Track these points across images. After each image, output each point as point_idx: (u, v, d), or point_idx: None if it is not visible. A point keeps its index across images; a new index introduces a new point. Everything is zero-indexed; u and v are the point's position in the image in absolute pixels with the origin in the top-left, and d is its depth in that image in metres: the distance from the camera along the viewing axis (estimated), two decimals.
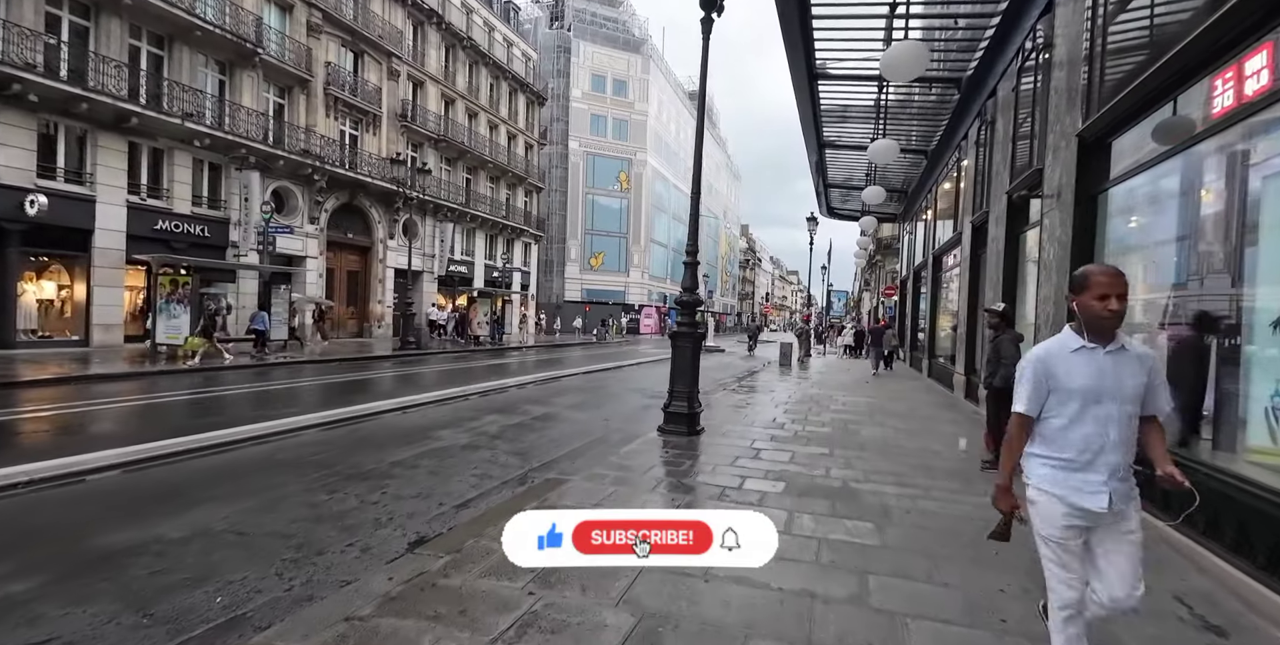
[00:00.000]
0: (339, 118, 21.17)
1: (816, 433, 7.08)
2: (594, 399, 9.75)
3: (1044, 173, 6.60)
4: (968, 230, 10.58)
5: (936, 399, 10.80)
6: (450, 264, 27.03)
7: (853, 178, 18.88)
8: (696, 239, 6.95)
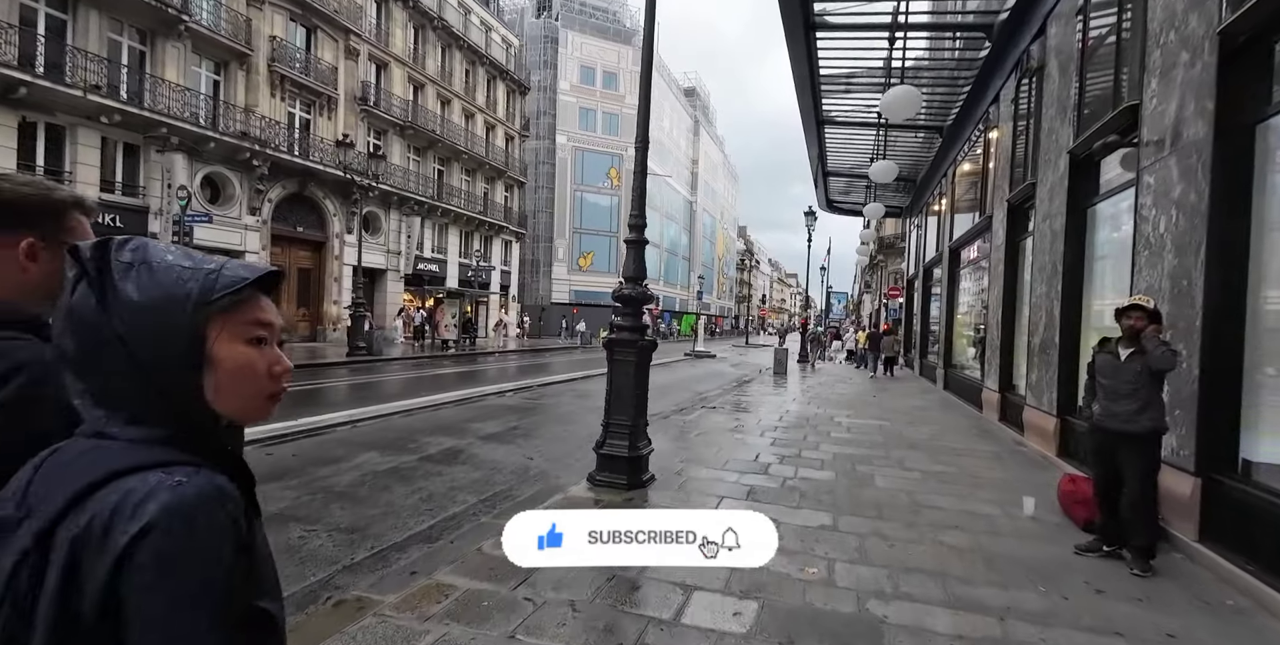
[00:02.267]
0: (287, 98, 19.13)
1: (813, 482, 5.01)
2: (531, 424, 7.67)
3: (1142, 110, 4.55)
4: (1001, 213, 8.55)
5: (961, 421, 8.74)
6: (419, 262, 24.95)
7: (855, 165, 16.87)
8: (643, 205, 4.94)
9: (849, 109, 12.85)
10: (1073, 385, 5.96)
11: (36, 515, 0.57)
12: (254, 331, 0.66)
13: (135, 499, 0.55)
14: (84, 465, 0.59)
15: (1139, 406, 3.43)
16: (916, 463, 5.81)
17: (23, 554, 0.55)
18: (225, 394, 0.65)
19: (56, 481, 0.59)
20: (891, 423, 8.18)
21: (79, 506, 0.56)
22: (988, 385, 8.81)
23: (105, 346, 0.60)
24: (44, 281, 0.90)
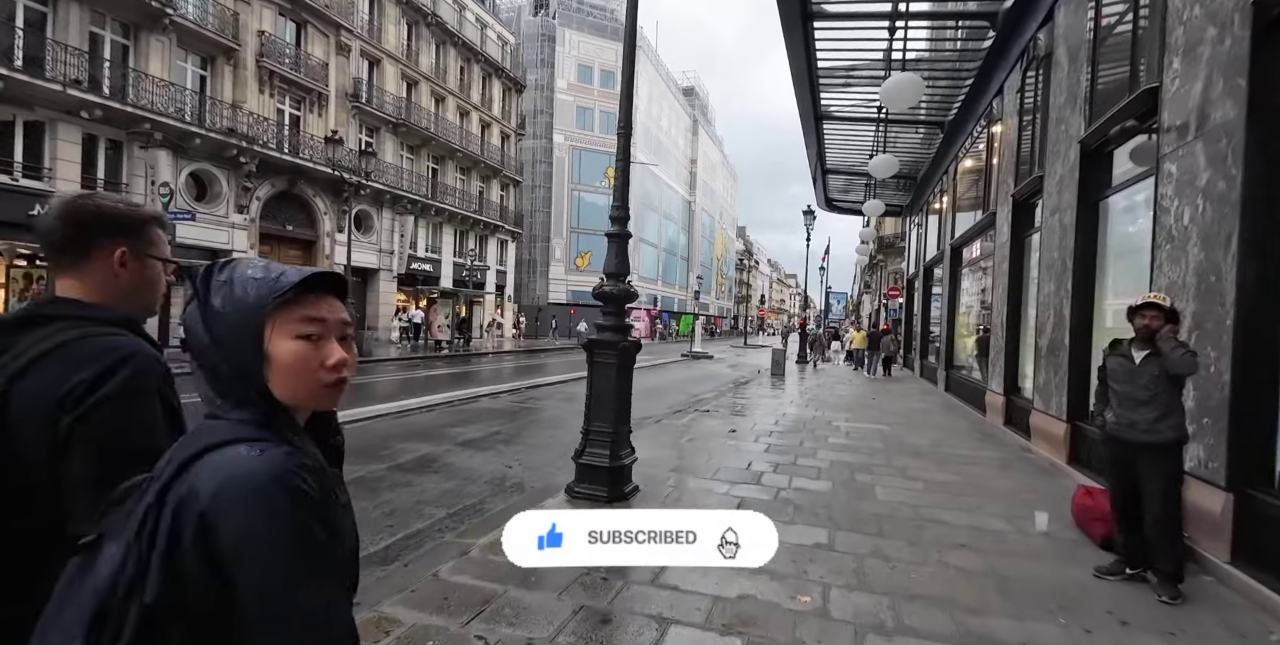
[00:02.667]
0: (276, 94, 18.78)
1: (808, 492, 4.67)
2: (515, 429, 7.34)
3: (1163, 92, 4.23)
4: (1005, 209, 8.22)
5: (964, 425, 8.40)
6: (413, 261, 24.61)
7: (855, 162, 16.54)
8: (626, 196, 4.59)
9: (848, 104, 12.52)
10: (1083, 389, 5.63)
11: (160, 477, 0.68)
12: (302, 328, 0.74)
13: (224, 466, 0.66)
14: (197, 438, 0.71)
15: (1158, 414, 3.09)
16: (919, 471, 5.47)
17: (147, 508, 0.66)
18: (281, 383, 0.74)
19: (178, 450, 0.71)
20: (892, 427, 7.85)
21: (185, 471, 0.66)
22: (992, 388, 8.48)
23: (208, 348, 0.73)
24: (132, 287, 1.02)
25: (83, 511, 0.81)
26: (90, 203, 1.02)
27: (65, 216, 0.99)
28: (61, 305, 0.98)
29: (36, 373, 0.89)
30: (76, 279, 1.00)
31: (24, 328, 0.93)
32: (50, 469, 0.86)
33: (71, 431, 0.86)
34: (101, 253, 1.01)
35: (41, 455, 0.86)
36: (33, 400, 0.87)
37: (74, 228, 1.00)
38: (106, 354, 0.91)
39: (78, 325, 0.94)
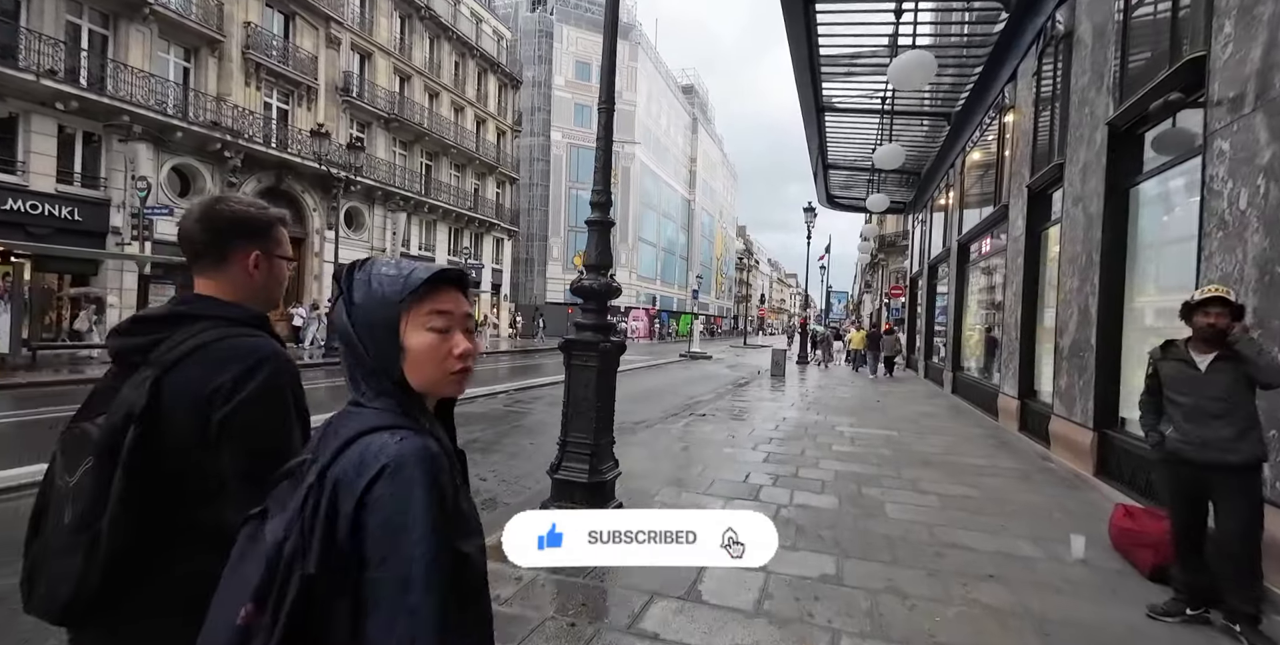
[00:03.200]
0: (263, 88, 18.30)
1: (812, 510, 4.20)
2: (494, 436, 6.86)
3: (1210, 61, 3.76)
4: (1020, 201, 7.75)
5: (976, 430, 7.92)
6: (405, 259, 24.12)
7: (857, 157, 16.07)
8: (608, 179, 4.12)
9: (851, 94, 12.06)
10: (1112, 394, 5.16)
11: (318, 460, 0.74)
12: (432, 321, 0.80)
13: (372, 451, 0.71)
14: (349, 424, 0.76)
15: (1237, 430, 2.60)
16: (932, 484, 4.99)
17: (309, 487, 0.72)
18: (415, 373, 0.80)
19: (332, 435, 0.76)
20: (899, 433, 7.37)
21: (342, 454, 0.72)
22: (1005, 391, 8.00)
23: (354, 341, 0.79)
24: (262, 285, 1.11)
25: (238, 502, 0.86)
26: (226, 208, 1.08)
27: (204, 221, 1.05)
28: (205, 304, 1.04)
29: (185, 368, 0.95)
30: (214, 280, 1.07)
31: (176, 323, 1.01)
32: (194, 457, 0.94)
33: (221, 428, 0.94)
34: (237, 256, 1.07)
35: (188, 443, 0.93)
36: (181, 393, 0.94)
37: (212, 233, 1.05)
38: (248, 355, 0.98)
39: (218, 325, 1.01)
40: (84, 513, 0.89)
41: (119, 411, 0.92)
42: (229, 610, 0.70)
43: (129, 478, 0.89)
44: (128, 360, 1.00)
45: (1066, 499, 4.76)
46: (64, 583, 0.89)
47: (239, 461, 0.94)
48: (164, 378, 0.94)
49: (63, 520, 0.91)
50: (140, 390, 0.92)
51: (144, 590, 0.93)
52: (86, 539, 0.88)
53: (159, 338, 0.99)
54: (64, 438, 0.97)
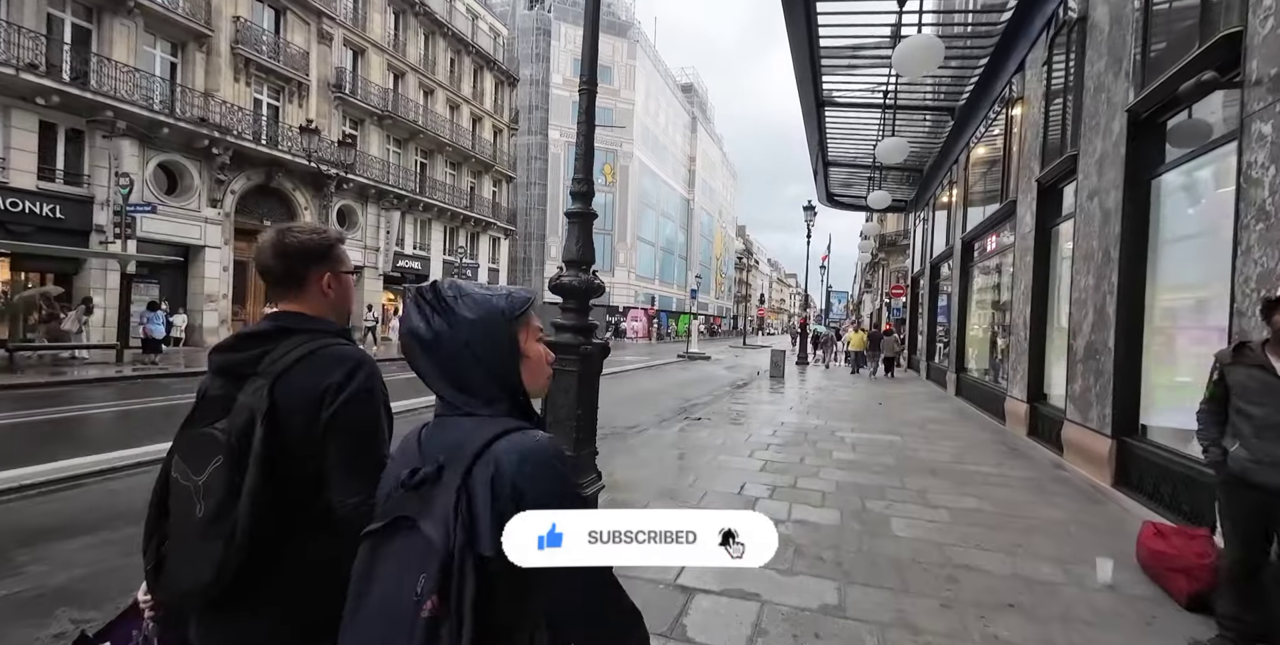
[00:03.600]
0: (253, 83, 17.97)
1: (811, 527, 3.87)
2: None
3: (1247, 37, 3.45)
4: (1029, 197, 7.42)
5: (983, 435, 7.59)
6: (399, 259, 23.82)
7: (858, 155, 15.74)
8: (590, 165, 3.81)
9: (852, 88, 11.73)
10: (1132, 398, 4.83)
11: (454, 464, 0.82)
12: (538, 334, 0.95)
13: (519, 448, 0.82)
14: (476, 432, 0.84)
15: None
16: (941, 495, 4.67)
17: (458, 488, 0.80)
18: (531, 377, 0.93)
19: (457, 443, 0.84)
20: (903, 438, 7.04)
21: (483, 456, 0.81)
22: (1013, 394, 7.67)
23: (460, 351, 0.87)
24: (336, 302, 1.24)
25: (337, 485, 1.06)
26: (293, 239, 1.19)
27: (276, 253, 1.18)
28: (298, 320, 1.17)
29: (295, 374, 1.08)
30: (296, 302, 1.20)
31: (278, 337, 1.14)
32: (309, 451, 1.06)
33: (329, 423, 1.07)
34: (311, 279, 1.20)
35: (303, 439, 1.06)
36: (295, 395, 1.06)
37: (285, 262, 1.18)
38: (346, 360, 1.12)
39: (315, 337, 1.14)
40: (218, 505, 1.01)
41: (241, 416, 1.04)
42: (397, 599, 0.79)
43: (260, 473, 1.00)
44: (237, 372, 1.11)
45: (1085, 513, 4.43)
46: (206, 567, 0.99)
47: (344, 451, 1.07)
48: (277, 384, 1.06)
49: (194, 513, 1.03)
50: (259, 396, 1.05)
51: (279, 574, 1.04)
52: (224, 528, 0.99)
53: (265, 350, 1.11)
54: (184, 442, 1.10)
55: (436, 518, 0.79)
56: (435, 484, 0.82)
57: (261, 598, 1.04)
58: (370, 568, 0.84)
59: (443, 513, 0.79)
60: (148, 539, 1.12)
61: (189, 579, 1.02)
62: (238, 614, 1.05)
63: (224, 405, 1.07)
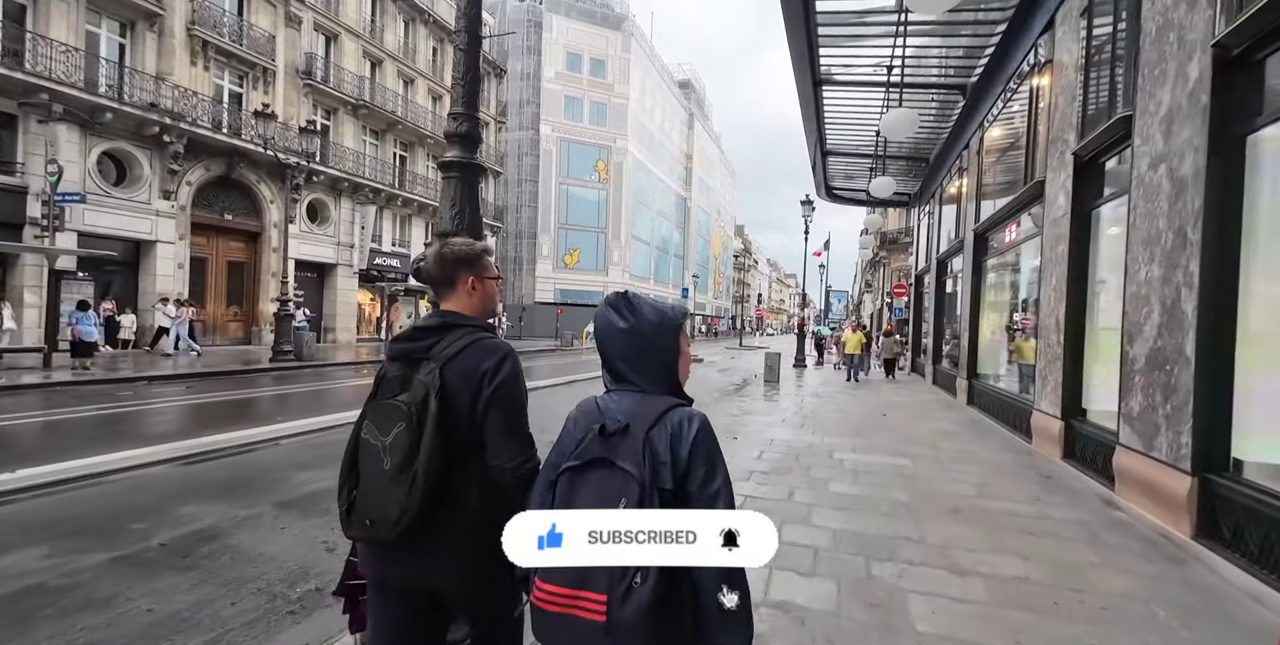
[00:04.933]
0: (212, 68, 16.85)
1: (796, 613, 2.71)
2: None
3: None
4: (1062, 175, 6.28)
5: (1006, 457, 6.44)
6: (376, 256, 22.68)
7: (859, 143, 14.61)
8: (475, 93, 2.67)
9: (853, 63, 10.60)
10: (1220, 425, 3.69)
11: (637, 424, 1.18)
12: (687, 340, 1.36)
13: (687, 417, 1.20)
14: (654, 404, 1.22)
15: None
16: (970, 553, 3.52)
17: (643, 442, 1.15)
18: (682, 371, 1.34)
19: (636, 410, 1.21)
20: (914, 462, 5.89)
21: (660, 421, 1.18)
22: (1041, 407, 6.53)
23: (643, 342, 1.26)
24: (481, 303, 1.56)
25: (494, 449, 1.38)
26: (449, 250, 1.54)
27: (436, 261, 1.53)
28: (457, 317, 1.49)
29: (460, 359, 1.39)
30: (450, 301, 1.54)
31: (444, 331, 1.45)
32: (472, 420, 1.37)
33: (490, 400, 1.38)
34: (459, 282, 1.53)
35: (468, 410, 1.37)
36: (460, 376, 1.37)
37: (441, 268, 1.53)
38: (497, 350, 1.43)
39: (471, 331, 1.45)
40: (402, 459, 1.30)
41: (420, 391, 1.34)
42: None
43: (435, 435, 1.31)
44: (413, 357, 1.43)
45: (1167, 581, 3.28)
46: (394, 508, 1.28)
47: (500, 423, 1.39)
48: (446, 367, 1.38)
49: (383, 466, 1.32)
50: (432, 376, 1.35)
51: (450, 517, 1.35)
52: (407, 478, 1.29)
53: (435, 341, 1.43)
54: (374, 411, 1.40)
55: (628, 459, 1.15)
56: (623, 436, 1.19)
57: (432, 533, 1.34)
58: (573, 490, 1.19)
59: (633, 456, 1.15)
60: (341, 487, 1.41)
61: (378, 517, 1.31)
62: (415, 546, 1.33)
63: (402, 383, 1.39)
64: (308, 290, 20.51)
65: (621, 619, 1.05)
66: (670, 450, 1.16)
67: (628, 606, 1.05)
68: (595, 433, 1.19)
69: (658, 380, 1.26)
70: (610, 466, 1.15)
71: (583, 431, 1.21)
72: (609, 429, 1.18)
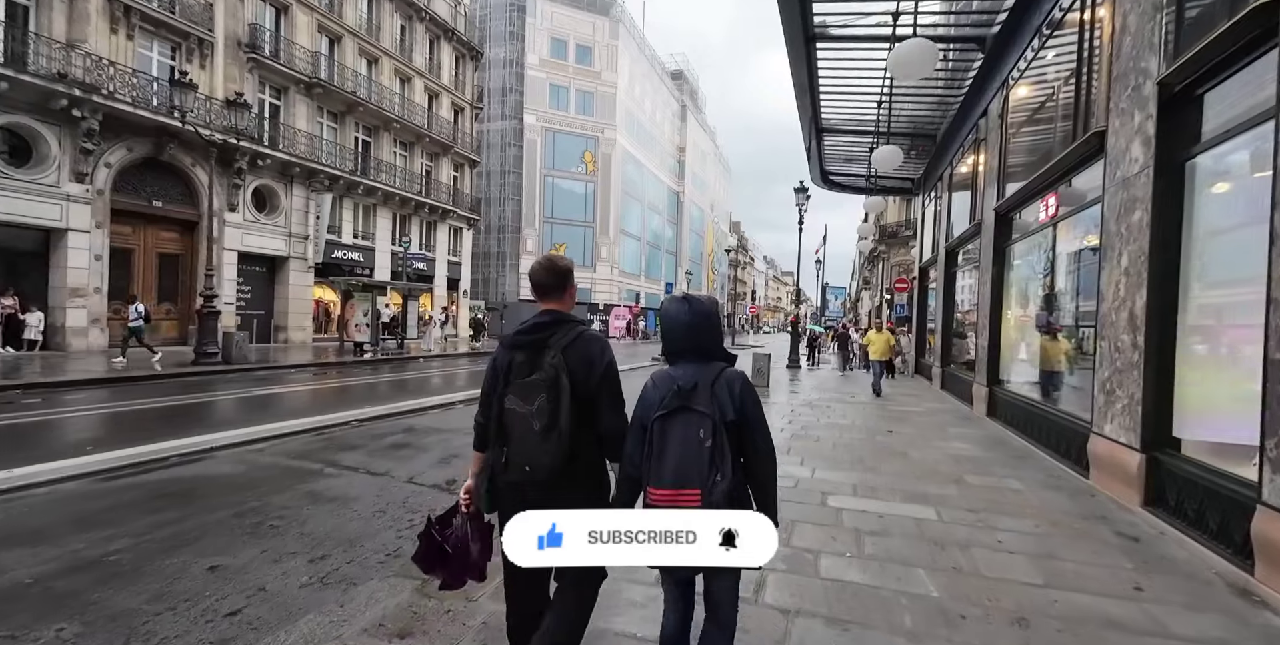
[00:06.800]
0: (138, 37, 15.09)
1: None
2: (199, 525, 3.75)
3: None
4: (1136, 120, 4.65)
5: (1062, 499, 4.79)
6: (335, 248, 20.95)
7: (859, 116, 12.97)
8: None
9: (853, 13, 8.96)
10: None
11: (703, 382, 1.77)
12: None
13: (735, 375, 1.83)
14: (711, 368, 1.82)
15: None
16: None
17: (710, 392, 1.75)
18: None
19: (700, 373, 1.79)
20: (938, 511, 4.24)
21: (720, 378, 1.79)
22: (1106, 433, 4.88)
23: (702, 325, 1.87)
24: (571, 304, 2.06)
25: (606, 412, 1.89)
26: (561, 265, 2.06)
27: (549, 272, 2.01)
28: (562, 314, 1.97)
29: (575, 347, 1.87)
30: (557, 302, 2.00)
31: (556, 325, 1.91)
32: (589, 394, 1.85)
33: (601, 378, 1.87)
34: (566, 289, 2.04)
35: (586, 385, 1.84)
36: (576, 359, 1.85)
37: (555, 277, 2.02)
38: (599, 340, 1.94)
39: (575, 326, 1.93)
40: (547, 422, 1.75)
41: (551, 372, 1.79)
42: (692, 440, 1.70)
43: (569, 403, 1.77)
44: (535, 346, 1.88)
45: None
46: (547, 458, 1.75)
47: (608, 392, 1.89)
48: (565, 352, 1.84)
49: (533, 428, 1.76)
50: (558, 359, 1.81)
51: (579, 469, 1.85)
52: (555, 437, 1.75)
53: (551, 333, 1.89)
54: (516, 387, 1.83)
55: (702, 404, 1.72)
56: (694, 391, 1.74)
57: (576, 479, 1.84)
58: (664, 430, 1.73)
59: (705, 402, 1.72)
60: (497, 445, 1.88)
61: (535, 464, 1.76)
62: (560, 487, 1.80)
63: (530, 367, 1.85)
64: (255, 285, 18.80)
65: (712, 503, 1.64)
66: (729, 395, 1.77)
67: (714, 495, 1.64)
68: (674, 391, 1.75)
69: (712, 351, 1.87)
70: (689, 411, 1.72)
71: (662, 392, 1.79)
72: (683, 387, 1.75)
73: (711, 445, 1.66)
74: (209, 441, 5.50)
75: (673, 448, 1.69)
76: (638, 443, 1.78)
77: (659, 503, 1.67)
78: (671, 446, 1.69)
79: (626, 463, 1.81)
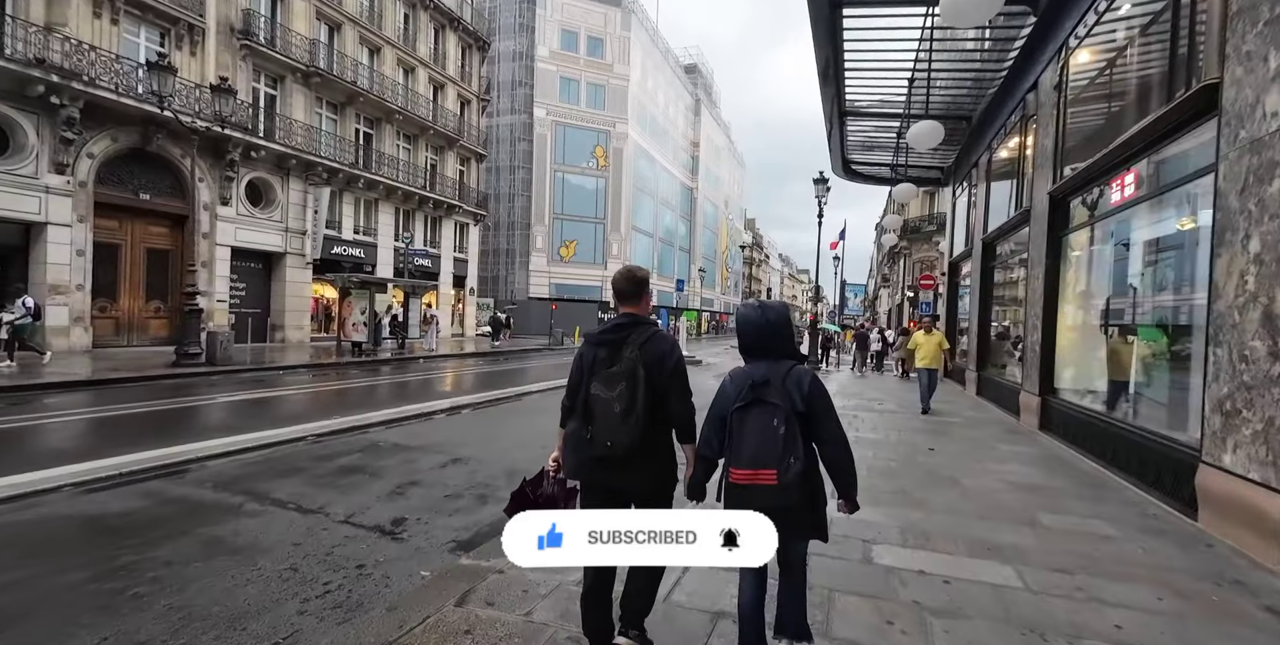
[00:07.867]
0: (123, 22, 14.41)
1: None
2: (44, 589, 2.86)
3: None
4: (1273, 63, 3.58)
5: (1167, 548, 3.75)
6: (335, 244, 20.24)
7: (887, 95, 11.91)
8: None
9: None
10: None
11: (775, 377, 2.02)
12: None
13: (804, 372, 2.06)
14: (782, 366, 2.06)
15: None
16: None
17: (782, 387, 1.99)
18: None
19: (772, 370, 2.04)
20: (1019, 572, 3.24)
21: (790, 374, 2.04)
22: (1226, 464, 3.84)
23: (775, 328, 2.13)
24: (648, 308, 2.30)
25: (675, 401, 2.12)
26: (640, 274, 2.32)
27: (631, 281, 2.27)
28: (639, 317, 2.22)
29: (650, 344, 2.11)
30: (635, 307, 2.26)
31: (634, 326, 2.17)
32: (662, 385, 2.09)
33: (671, 373, 2.11)
34: (644, 295, 2.28)
35: (660, 377, 2.08)
36: (651, 354, 2.09)
37: (635, 285, 2.27)
38: (669, 339, 2.17)
39: (650, 327, 2.18)
40: (627, 406, 2.01)
41: (629, 363, 2.07)
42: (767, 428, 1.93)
43: (646, 390, 2.03)
44: (615, 343, 2.15)
45: None
46: (626, 438, 2.00)
47: (678, 385, 2.12)
48: (642, 348, 2.10)
49: (614, 411, 2.02)
50: (635, 355, 2.08)
51: (654, 446, 2.11)
52: (633, 419, 2.00)
53: (629, 332, 2.15)
54: (599, 377, 2.09)
55: (775, 397, 1.95)
56: (767, 385, 1.97)
57: (648, 454, 2.09)
58: (742, 421, 1.97)
59: (778, 395, 1.95)
60: (583, 424, 2.09)
61: (616, 442, 2.01)
62: (637, 463, 2.06)
63: (611, 360, 2.11)
64: (251, 282, 18.12)
65: (788, 481, 1.88)
66: (798, 390, 1.98)
67: (789, 473, 1.88)
68: (749, 385, 1.99)
69: (784, 351, 2.10)
70: (764, 403, 1.96)
71: (738, 388, 2.03)
72: (758, 382, 2.00)
73: (785, 433, 1.92)
74: (115, 466, 4.61)
75: (750, 435, 1.96)
76: (715, 430, 2.08)
77: (740, 481, 1.96)
78: (749, 434, 1.97)
79: (703, 445, 2.14)
